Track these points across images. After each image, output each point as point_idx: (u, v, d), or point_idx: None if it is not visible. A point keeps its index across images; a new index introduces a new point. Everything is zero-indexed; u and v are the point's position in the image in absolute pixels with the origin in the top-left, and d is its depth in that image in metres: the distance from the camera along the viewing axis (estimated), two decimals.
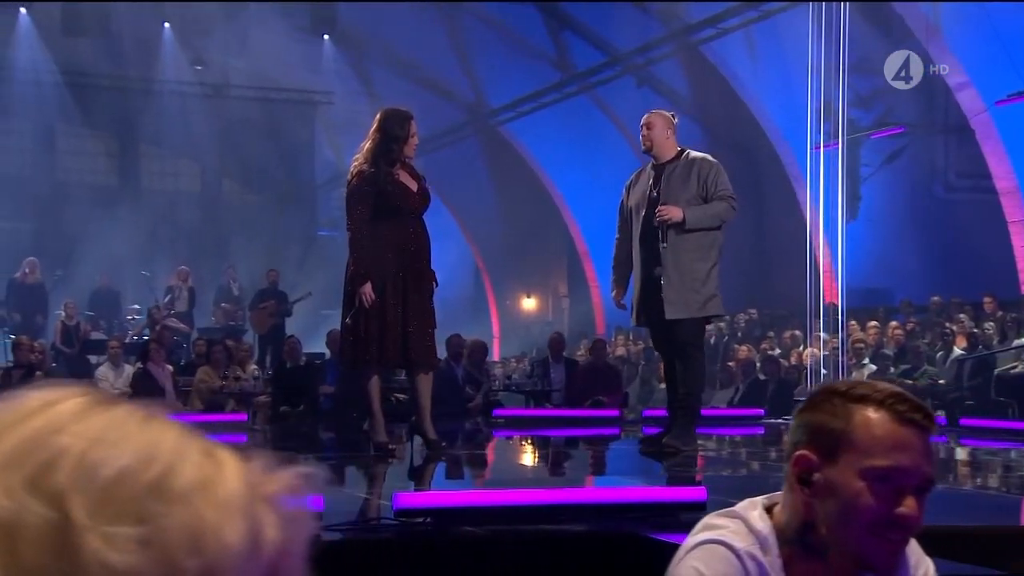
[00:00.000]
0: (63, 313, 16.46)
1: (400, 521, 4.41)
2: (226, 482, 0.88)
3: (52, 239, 20.19)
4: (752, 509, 2.18)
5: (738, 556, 2.09)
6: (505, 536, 4.37)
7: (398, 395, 12.88)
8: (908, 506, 2.03)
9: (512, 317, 26.92)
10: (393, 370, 9.10)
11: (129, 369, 13.06)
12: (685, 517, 4.64)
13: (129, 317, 18.20)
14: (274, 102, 22.91)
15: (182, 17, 20.22)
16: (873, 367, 14.38)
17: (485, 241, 26.94)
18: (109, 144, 23.81)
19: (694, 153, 7.69)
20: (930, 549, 2.28)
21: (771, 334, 17.13)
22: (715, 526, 2.15)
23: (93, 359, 15.30)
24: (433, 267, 7.63)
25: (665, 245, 7.37)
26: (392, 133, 7.31)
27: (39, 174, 21.53)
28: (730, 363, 15.26)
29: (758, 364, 14.59)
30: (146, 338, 16.41)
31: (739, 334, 17.94)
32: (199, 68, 22.57)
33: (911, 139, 19.08)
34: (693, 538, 2.15)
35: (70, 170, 22.83)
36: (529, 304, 26.98)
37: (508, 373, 14.94)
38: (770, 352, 15.60)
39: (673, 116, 7.87)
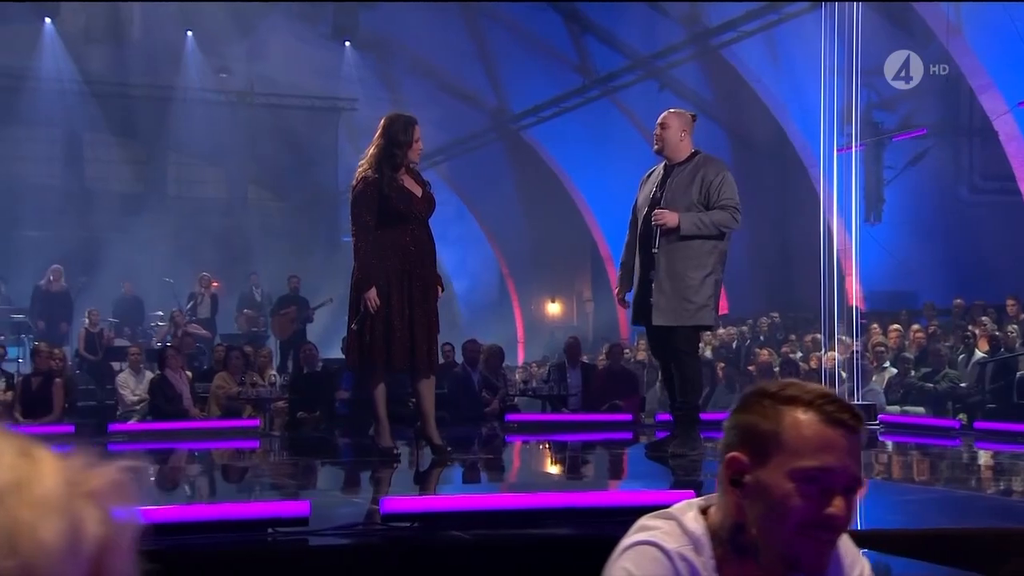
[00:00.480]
0: (87, 320, 16.58)
1: (387, 526, 4.43)
2: (42, 480, 0.89)
3: (77, 247, 20.34)
4: (687, 510, 2.19)
5: (669, 557, 2.10)
6: (491, 540, 4.37)
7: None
8: (836, 506, 2.04)
9: (536, 322, 26.93)
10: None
11: (150, 375, 13.12)
12: None
13: (153, 324, 18.31)
14: (297, 109, 23.03)
15: (205, 25, 20.34)
16: (894, 370, 14.31)
17: (509, 246, 26.96)
18: (135, 152, 23.97)
19: (705, 157, 7.48)
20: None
21: (792, 337, 17.05)
22: (649, 527, 2.16)
23: (116, 366, 15.39)
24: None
25: (656, 250, 7.25)
26: (396, 138, 7.33)
27: (65, 182, 21.70)
28: (749, 367, 15.18)
29: (776, 368, 14.50)
30: (168, 344, 16.57)
31: (761, 337, 17.87)
32: (224, 76, 22.73)
33: (935, 141, 18.99)
34: (627, 539, 2.16)
35: (96, 178, 22.99)
36: (554, 309, 26.99)
37: (525, 378, 14.90)
38: (791, 356, 15.53)
39: (693, 117, 7.65)
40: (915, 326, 15.83)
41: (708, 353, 17.53)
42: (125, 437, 9.79)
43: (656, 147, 7.48)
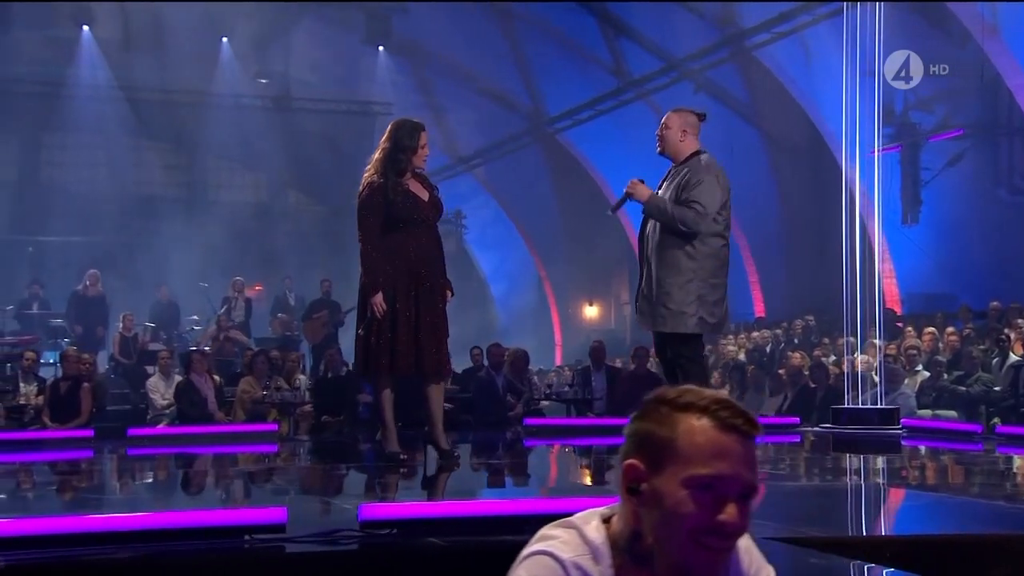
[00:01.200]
0: (121, 325, 16.73)
1: (365, 532, 4.43)
2: None
3: (114, 251, 20.54)
4: (590, 519, 2.19)
5: (563, 566, 2.09)
6: (468, 547, 4.36)
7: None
8: (729, 513, 2.03)
9: (574, 324, 26.89)
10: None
11: (198, 379, 13.16)
12: None
13: (188, 328, 18.43)
14: (334, 113, 23.12)
15: (240, 31, 20.48)
16: (926, 373, 14.14)
17: (547, 249, 26.95)
18: (172, 157, 24.21)
19: (701, 159, 7.14)
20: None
21: (826, 340, 16.90)
22: (548, 537, 2.17)
23: (150, 369, 15.51)
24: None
25: (649, 255, 7.14)
26: (402, 143, 7.34)
27: (102, 188, 21.87)
28: (779, 370, 15.08)
29: (806, 371, 14.38)
30: (206, 348, 16.68)
31: (796, 340, 17.74)
32: (264, 81, 22.88)
33: (973, 142, 18.78)
34: (526, 549, 2.16)
35: (133, 183, 23.18)
36: (591, 312, 26.94)
37: (549, 382, 14.87)
38: (823, 359, 15.39)
39: (700, 116, 7.39)
40: (949, 329, 15.64)
41: (742, 356, 17.46)
42: (143, 441, 9.86)
43: (658, 148, 7.32)
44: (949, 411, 13.31)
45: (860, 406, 11.72)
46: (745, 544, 2.24)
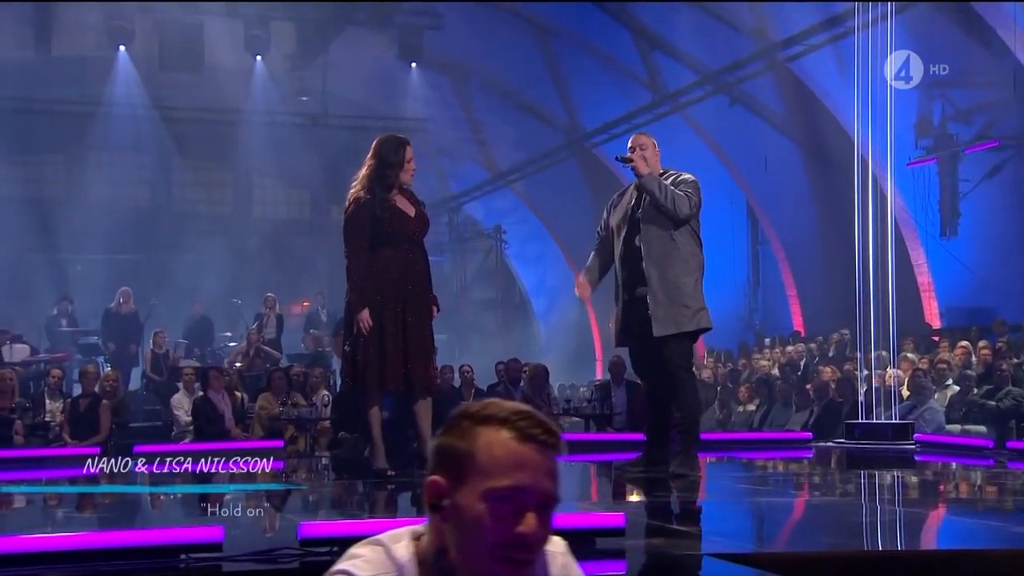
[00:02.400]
0: (151, 342, 16.89)
1: (304, 550, 4.41)
2: None
3: (148, 268, 20.78)
4: (401, 538, 2.20)
5: None
6: None
7: None
8: (528, 524, 2.02)
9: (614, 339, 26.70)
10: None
11: (215, 396, 13.22)
12: (601, 543, 4.57)
13: (222, 345, 18.57)
14: (371, 130, 23.18)
15: (275, 49, 20.64)
16: (956, 388, 13.94)
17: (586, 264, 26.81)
18: (210, 174, 24.45)
19: (677, 173, 7.59)
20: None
21: (858, 354, 16.67)
22: (354, 556, 2.18)
23: (180, 386, 15.63)
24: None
25: (644, 263, 7.31)
26: (388, 159, 7.36)
27: (137, 206, 22.15)
28: (807, 385, 14.91)
29: (832, 385, 14.22)
30: (237, 364, 16.80)
31: (830, 354, 17.53)
32: (305, 99, 23.05)
33: (1014, 152, 18.48)
34: (332, 568, 2.16)
35: (170, 201, 23.48)
36: None
37: (568, 397, 14.79)
38: (853, 372, 15.19)
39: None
40: (982, 342, 15.41)
41: (775, 371, 17.26)
42: (147, 458, 9.86)
43: (645, 172, 7.41)
44: (979, 426, 13.09)
45: (874, 421, 11.55)
46: (564, 560, 2.23)
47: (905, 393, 14.07)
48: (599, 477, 8.69)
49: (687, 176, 7.55)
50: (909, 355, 15.59)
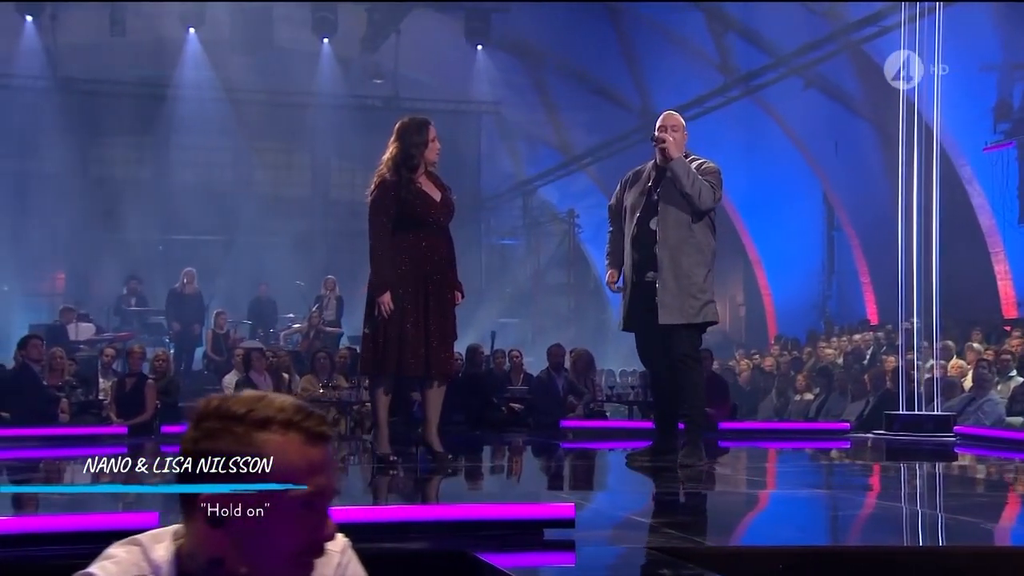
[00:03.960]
0: (213, 322, 17.06)
1: None
2: None
3: (216, 250, 21.00)
4: (161, 538, 2.08)
5: None
6: (367, 553, 4.23)
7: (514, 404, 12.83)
8: (329, 527, 1.98)
9: None
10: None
11: (256, 377, 13.31)
12: (551, 534, 4.44)
13: (286, 326, 18.67)
14: (442, 113, 23.17)
15: (343, 31, 20.69)
16: (1020, 379, 13.52)
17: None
18: (287, 156, 24.60)
19: (700, 159, 7.38)
20: None
21: (925, 344, 16.24)
22: (107, 556, 2.08)
23: None
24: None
25: (657, 248, 7.17)
26: (412, 139, 7.24)
27: (209, 187, 22.29)
28: (864, 375, 14.54)
29: (887, 376, 13.86)
30: (292, 346, 16.89)
31: (897, 344, 17.09)
32: (379, 82, 23.10)
33: None
34: (83, 569, 2.06)
35: (242, 183, 23.62)
36: None
37: (611, 383, 14.60)
38: (919, 363, 14.79)
39: None
40: None
41: (840, 360, 16.91)
42: (173, 439, 9.93)
43: (675, 155, 7.21)
44: None
45: (915, 412, 11.22)
46: (340, 560, 2.14)
47: (968, 384, 13.68)
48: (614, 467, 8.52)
49: (711, 164, 7.35)
50: (975, 345, 15.17)
